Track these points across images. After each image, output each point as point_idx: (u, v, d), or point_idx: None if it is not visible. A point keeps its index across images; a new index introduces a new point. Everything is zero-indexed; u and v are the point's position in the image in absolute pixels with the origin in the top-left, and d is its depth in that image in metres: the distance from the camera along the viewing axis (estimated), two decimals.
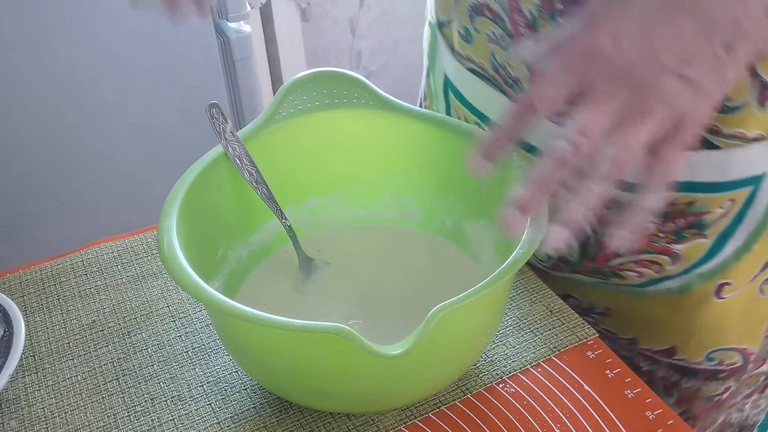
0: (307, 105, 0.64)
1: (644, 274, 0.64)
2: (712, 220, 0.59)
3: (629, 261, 0.64)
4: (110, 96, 1.36)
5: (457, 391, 0.58)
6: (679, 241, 0.61)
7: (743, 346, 0.67)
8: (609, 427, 0.55)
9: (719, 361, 0.67)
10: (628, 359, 0.71)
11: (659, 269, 0.63)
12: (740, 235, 0.60)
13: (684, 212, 0.59)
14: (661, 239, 0.61)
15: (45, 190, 1.39)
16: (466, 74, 0.66)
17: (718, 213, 0.58)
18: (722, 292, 0.63)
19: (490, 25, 0.61)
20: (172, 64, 1.39)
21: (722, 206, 0.58)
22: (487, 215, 0.63)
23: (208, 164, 0.59)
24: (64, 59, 1.29)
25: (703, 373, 0.68)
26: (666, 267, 0.63)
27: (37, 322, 0.66)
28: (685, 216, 0.59)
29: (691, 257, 0.62)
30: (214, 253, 0.61)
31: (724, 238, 0.60)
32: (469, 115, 0.69)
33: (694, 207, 0.58)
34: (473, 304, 0.46)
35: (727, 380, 0.69)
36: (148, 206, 0.92)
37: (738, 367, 0.68)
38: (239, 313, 0.46)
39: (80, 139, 1.37)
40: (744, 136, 0.54)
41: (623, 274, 0.65)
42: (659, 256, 0.62)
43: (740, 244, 0.60)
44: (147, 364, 0.62)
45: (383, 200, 0.68)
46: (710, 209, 0.58)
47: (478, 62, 0.64)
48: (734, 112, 0.53)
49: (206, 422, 0.57)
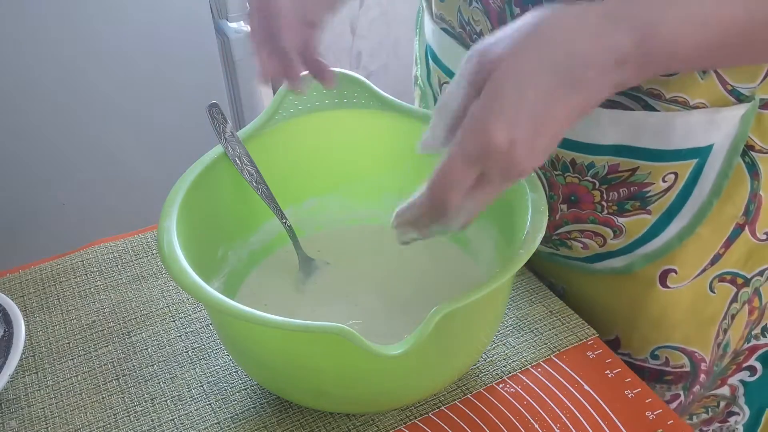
0: (307, 105, 0.64)
1: (589, 246, 0.65)
2: (655, 193, 0.59)
3: (575, 230, 0.64)
4: (110, 96, 1.36)
5: (457, 391, 0.58)
6: (622, 213, 0.61)
7: (691, 348, 0.66)
8: (609, 427, 0.55)
9: (665, 360, 0.66)
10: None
11: (602, 242, 0.64)
12: (684, 215, 0.60)
13: (626, 180, 0.59)
14: (604, 208, 0.61)
15: (45, 190, 1.39)
16: (440, 34, 0.67)
17: (661, 186, 0.58)
18: (668, 280, 0.62)
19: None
20: (172, 64, 1.39)
21: (665, 179, 0.58)
22: (487, 215, 0.62)
23: (208, 164, 0.59)
24: (64, 59, 1.29)
25: (649, 373, 0.67)
26: (609, 240, 0.63)
27: (37, 322, 0.66)
28: (628, 185, 0.59)
29: (633, 233, 0.62)
30: (214, 253, 0.61)
31: (668, 216, 0.60)
32: (443, 76, 0.69)
33: (637, 175, 0.58)
34: (473, 304, 0.46)
35: (674, 386, 0.68)
36: (148, 206, 0.92)
37: (686, 372, 0.67)
38: (239, 313, 0.46)
39: (80, 139, 1.37)
40: (685, 101, 0.54)
41: (569, 243, 0.66)
42: (602, 228, 0.63)
43: (684, 225, 0.60)
44: (147, 364, 0.62)
45: (383, 200, 0.68)
46: (652, 179, 0.58)
47: (448, 20, 0.65)
48: (675, 76, 0.53)
49: (206, 422, 0.57)
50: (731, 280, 0.63)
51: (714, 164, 0.57)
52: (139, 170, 1.44)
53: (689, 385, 0.68)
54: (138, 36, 1.33)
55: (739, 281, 0.63)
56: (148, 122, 1.42)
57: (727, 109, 0.54)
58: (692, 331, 0.65)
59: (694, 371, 0.67)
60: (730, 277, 0.63)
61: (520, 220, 0.54)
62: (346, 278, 0.64)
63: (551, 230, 0.66)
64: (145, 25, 1.33)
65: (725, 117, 0.55)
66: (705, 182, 0.58)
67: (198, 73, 1.42)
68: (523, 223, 0.52)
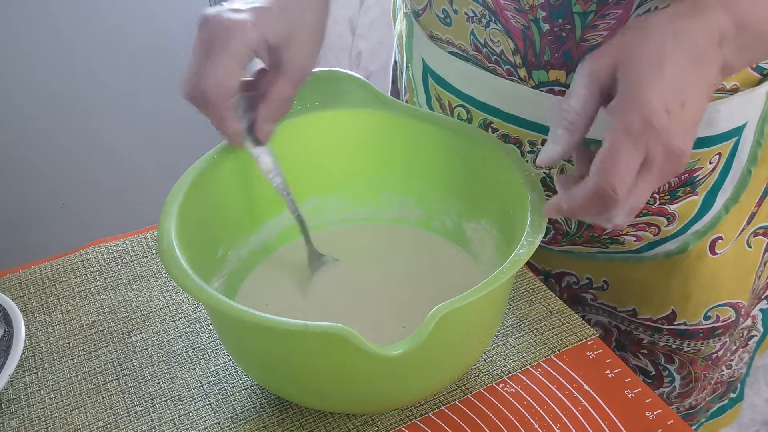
0: (306, 105, 0.64)
1: (643, 238, 0.66)
2: (702, 176, 0.62)
3: (628, 225, 0.65)
4: (110, 96, 1.36)
5: (457, 391, 0.58)
6: (673, 201, 0.63)
7: (735, 300, 0.70)
8: (609, 427, 0.55)
9: (715, 318, 0.70)
10: (628, 333, 0.73)
11: (657, 231, 0.65)
12: (728, 188, 0.63)
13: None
14: (656, 201, 0.63)
15: (45, 190, 1.39)
16: (448, 58, 0.67)
17: (708, 168, 0.61)
18: (716, 247, 0.66)
19: (469, 4, 0.61)
20: (172, 64, 1.39)
21: (711, 161, 0.61)
22: (487, 215, 0.63)
23: (209, 164, 0.59)
24: (64, 59, 1.30)
25: (702, 333, 0.71)
26: (663, 228, 0.65)
27: (37, 322, 0.66)
28: (679, 174, 0.61)
29: (685, 216, 0.64)
30: (214, 253, 0.61)
31: (713, 192, 0.63)
32: (453, 100, 0.69)
33: (687, 164, 0.60)
34: (473, 304, 0.46)
35: (723, 336, 0.72)
36: (148, 206, 0.92)
37: (732, 321, 0.71)
38: (239, 313, 0.46)
39: (80, 139, 1.37)
40: (724, 88, 0.58)
41: (622, 239, 0.67)
42: (656, 218, 0.64)
43: (729, 196, 0.64)
44: (147, 364, 0.62)
45: (383, 200, 0.68)
46: (701, 164, 0.61)
47: (458, 44, 0.65)
48: None
49: (206, 422, 0.57)
50: (764, 233, 0.68)
51: (748, 137, 0.61)
52: (139, 170, 1.44)
53: (733, 331, 0.73)
54: (138, 35, 1.34)
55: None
56: (148, 122, 1.42)
57: (759, 87, 0.58)
58: (735, 286, 0.69)
59: (737, 318, 0.71)
60: (762, 230, 0.68)
61: (520, 220, 0.54)
62: (346, 278, 0.64)
63: (599, 230, 0.67)
64: (145, 24, 1.33)
65: (758, 94, 0.59)
66: (742, 154, 0.62)
67: None
68: (523, 223, 0.52)
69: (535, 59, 0.59)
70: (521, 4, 0.57)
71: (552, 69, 0.59)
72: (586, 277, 0.73)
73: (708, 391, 0.78)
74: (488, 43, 0.62)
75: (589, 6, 0.54)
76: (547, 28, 0.57)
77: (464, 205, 0.65)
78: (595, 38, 0.56)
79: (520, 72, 0.61)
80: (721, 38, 0.45)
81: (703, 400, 0.78)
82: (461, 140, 0.62)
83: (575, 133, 0.47)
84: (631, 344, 0.74)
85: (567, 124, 0.46)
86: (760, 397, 1.60)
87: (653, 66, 0.43)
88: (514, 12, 0.58)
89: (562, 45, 0.57)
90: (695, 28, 0.44)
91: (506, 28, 0.59)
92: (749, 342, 0.79)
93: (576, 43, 0.57)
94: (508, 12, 0.58)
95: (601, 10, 0.54)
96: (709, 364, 0.73)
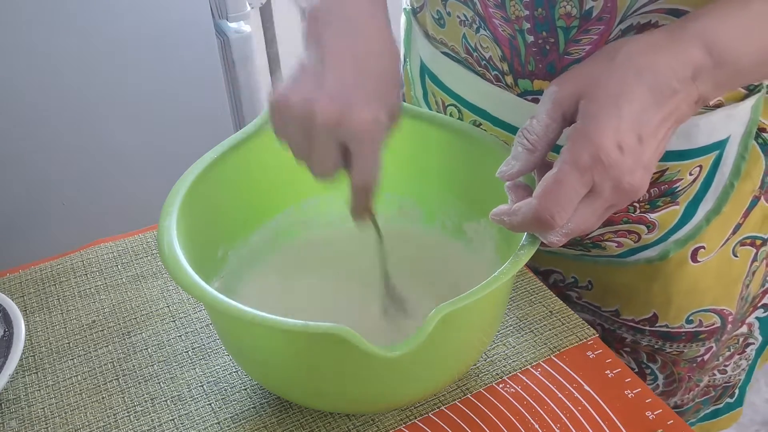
0: None
1: (623, 244, 0.67)
2: (683, 187, 0.62)
3: (608, 232, 0.66)
4: (110, 96, 1.36)
5: (457, 391, 0.58)
6: (653, 210, 0.63)
7: (720, 307, 0.70)
8: (609, 427, 0.55)
9: (698, 322, 0.70)
10: (611, 332, 0.73)
11: (637, 238, 0.66)
12: (709, 199, 0.63)
13: (657, 181, 0.61)
14: (636, 209, 0.64)
15: (45, 190, 1.39)
16: (441, 58, 0.67)
17: (688, 179, 0.61)
18: (698, 255, 0.66)
19: (461, 8, 0.62)
20: (172, 64, 1.39)
21: (691, 172, 0.61)
22: (487, 215, 0.62)
23: (209, 164, 0.59)
24: (64, 59, 1.29)
25: (685, 336, 0.71)
26: (643, 236, 0.65)
27: (37, 322, 0.66)
28: (659, 185, 0.62)
29: (666, 225, 0.64)
30: (214, 253, 0.61)
31: (695, 203, 0.63)
32: (446, 98, 0.70)
33: (666, 175, 0.61)
34: (473, 304, 0.46)
35: (708, 341, 0.72)
36: (148, 206, 0.92)
37: (716, 327, 0.71)
38: (239, 313, 0.46)
39: (80, 139, 1.37)
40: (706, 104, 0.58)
41: (603, 244, 0.68)
42: (636, 226, 0.65)
43: (710, 208, 0.63)
44: (147, 364, 0.62)
45: (383, 200, 0.68)
46: (681, 176, 0.61)
47: (451, 45, 0.66)
48: None
49: (206, 422, 0.57)
50: (751, 243, 0.68)
51: (731, 150, 0.61)
52: (139, 170, 1.44)
53: (719, 336, 0.73)
54: (138, 36, 1.33)
55: (758, 242, 0.68)
56: (148, 122, 1.42)
57: (743, 102, 0.58)
58: (720, 293, 0.69)
59: (723, 324, 0.71)
60: (749, 240, 0.67)
61: None
62: (347, 278, 0.64)
63: (582, 236, 0.67)
64: (145, 24, 1.33)
65: (741, 109, 0.59)
66: (725, 167, 0.62)
67: (198, 73, 1.42)
68: None
69: (521, 68, 0.60)
70: (508, 14, 0.57)
71: (536, 79, 0.60)
72: (571, 276, 0.73)
73: (696, 393, 0.78)
74: (478, 47, 0.63)
75: (572, 21, 0.55)
76: (532, 39, 0.58)
77: (464, 205, 0.65)
78: (578, 52, 0.57)
79: (507, 79, 0.62)
80: (695, 72, 0.44)
81: (690, 401, 0.79)
82: (461, 140, 0.62)
83: (535, 153, 0.47)
84: (615, 342, 0.74)
85: (528, 144, 0.47)
86: (760, 397, 1.60)
87: (612, 100, 0.44)
88: (502, 21, 0.58)
89: (546, 57, 0.58)
90: (662, 63, 0.44)
91: (494, 35, 0.60)
92: (746, 349, 0.79)
93: (559, 56, 0.57)
94: (496, 20, 0.59)
95: (584, 25, 0.55)
96: (693, 366, 0.74)
